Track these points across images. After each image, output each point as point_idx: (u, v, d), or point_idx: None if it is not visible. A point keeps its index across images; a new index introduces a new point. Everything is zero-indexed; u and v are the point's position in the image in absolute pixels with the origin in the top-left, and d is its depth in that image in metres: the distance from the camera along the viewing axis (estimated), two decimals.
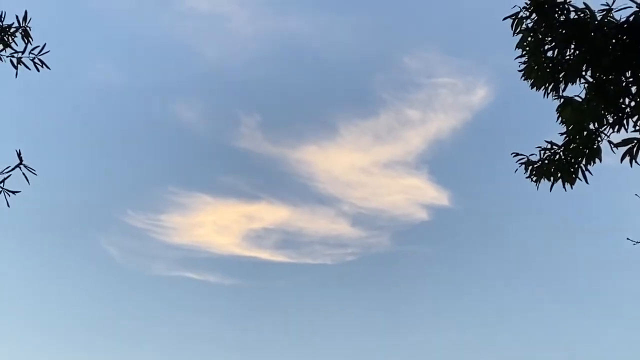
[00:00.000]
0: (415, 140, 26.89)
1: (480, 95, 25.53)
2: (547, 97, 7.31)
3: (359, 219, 28.14)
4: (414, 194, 27.85)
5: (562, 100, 7.24)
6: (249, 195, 28.54)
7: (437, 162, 27.26)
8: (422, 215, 27.60)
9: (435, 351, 26.88)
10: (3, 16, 6.98)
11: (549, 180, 7.42)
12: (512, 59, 7.37)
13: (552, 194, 7.37)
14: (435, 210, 27.42)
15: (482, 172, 27.67)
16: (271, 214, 28.51)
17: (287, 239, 28.39)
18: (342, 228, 28.38)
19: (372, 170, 28.26)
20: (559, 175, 7.38)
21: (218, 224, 28.94)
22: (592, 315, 26.07)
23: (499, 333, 26.66)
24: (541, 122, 7.34)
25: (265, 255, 28.32)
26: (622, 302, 24.91)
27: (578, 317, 26.44)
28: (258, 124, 27.46)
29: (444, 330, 27.25)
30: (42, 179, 6.91)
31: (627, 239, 7.20)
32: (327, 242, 28.39)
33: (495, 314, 27.11)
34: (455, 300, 27.77)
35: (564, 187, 7.41)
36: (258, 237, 28.42)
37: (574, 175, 7.35)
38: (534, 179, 7.48)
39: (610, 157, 7.16)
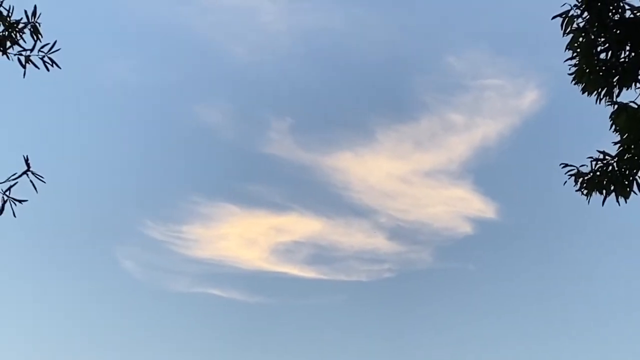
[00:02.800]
0: (459, 147, 25.40)
1: (530, 98, 24.12)
2: (600, 102, 6.87)
3: (398, 232, 26.70)
4: (457, 206, 26.43)
5: (616, 106, 6.89)
6: (278, 205, 27.09)
7: (483, 171, 25.92)
8: (467, 229, 26.21)
9: None
10: (11, 11, 6.52)
11: (601, 193, 7.00)
12: (564, 61, 6.89)
13: (607, 207, 6.88)
14: (481, 224, 26.06)
15: (532, 182, 26.12)
16: (302, 226, 27.12)
17: (319, 253, 26.87)
18: (379, 242, 26.83)
19: (412, 180, 26.82)
20: (612, 188, 6.95)
21: (244, 237, 27.51)
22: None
23: (546, 352, 25.09)
24: (595, 130, 6.82)
25: (295, 270, 26.89)
26: None
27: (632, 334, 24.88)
28: (289, 128, 25.96)
29: (489, 351, 25.78)
30: (52, 186, 6.41)
31: None
32: (363, 257, 26.80)
33: (545, 335, 25.75)
34: (501, 321, 26.46)
35: (617, 201, 6.98)
36: (288, 252, 27.01)
37: (628, 189, 6.92)
38: (585, 192, 7.02)
39: None
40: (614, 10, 6.73)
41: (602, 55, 6.85)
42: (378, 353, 25.93)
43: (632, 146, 6.87)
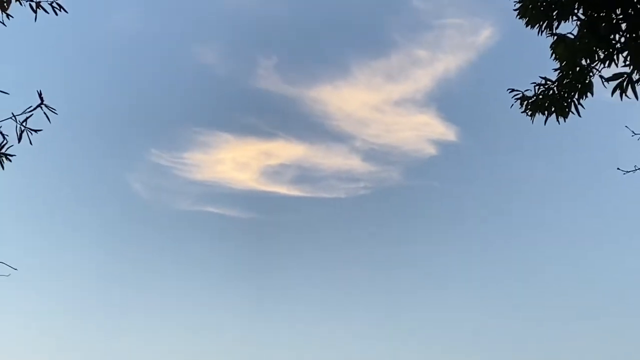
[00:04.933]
0: (424, 79, 27.94)
1: (485, 35, 26.60)
2: (542, 34, 7.59)
3: (371, 154, 29.63)
4: (423, 130, 29.07)
5: (555, 37, 7.53)
6: (266, 133, 30.00)
7: (445, 100, 28.51)
8: (431, 150, 28.97)
9: (442, 270, 29.26)
10: None
11: (543, 114, 7.74)
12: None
13: (552, 129, 7.72)
14: (443, 146, 28.84)
15: (487, 108, 28.79)
16: (287, 151, 29.95)
17: (302, 174, 30.01)
18: (355, 163, 29.80)
19: (384, 108, 29.37)
20: (553, 109, 7.70)
21: (237, 161, 30.23)
22: (587, 235, 28.70)
23: (497, 252, 28.97)
24: (538, 59, 7.68)
25: (282, 190, 29.82)
26: (611, 223, 27.88)
27: (573, 236, 28.95)
28: (275, 65, 28.63)
29: (451, 253, 29.38)
30: (70, 120, 7.14)
31: (618, 169, 7.59)
32: (341, 177, 29.97)
33: (498, 239, 29.40)
34: (461, 228, 30.02)
35: (557, 120, 7.74)
36: (275, 173, 30.01)
37: (567, 109, 7.68)
38: (529, 113, 7.79)
39: (602, 92, 7.52)
40: None
41: None
42: (356, 257, 29.61)
43: (570, 72, 7.53)
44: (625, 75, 7.15)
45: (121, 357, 27.00)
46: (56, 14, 6.98)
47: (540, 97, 7.73)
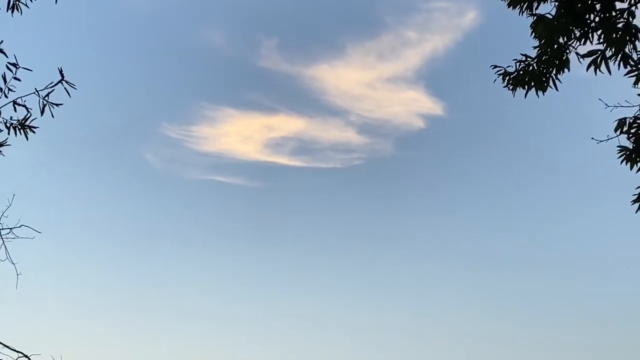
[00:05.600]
0: (413, 58, 30.27)
1: (470, 17, 28.74)
2: (522, 14, 8.13)
3: (365, 128, 32.55)
4: (412, 106, 31.61)
5: (535, 17, 8.00)
6: (268, 108, 32.95)
7: (432, 78, 31.11)
8: (420, 124, 31.80)
9: (427, 232, 32.77)
10: None
11: (523, 88, 8.31)
12: None
13: (532, 103, 8.31)
14: (431, 120, 31.70)
15: (472, 85, 31.88)
16: (288, 124, 32.71)
17: (302, 146, 32.75)
18: (350, 136, 32.67)
19: (376, 85, 31.86)
20: (532, 84, 8.26)
21: (242, 134, 32.83)
22: (569, 198, 31.96)
23: (481, 215, 32.45)
24: (519, 38, 8.28)
25: (283, 160, 32.70)
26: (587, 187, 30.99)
27: (555, 200, 32.32)
28: (276, 45, 31.15)
29: (437, 215, 33.00)
30: (88, 95, 7.72)
31: (592, 138, 8.19)
32: (337, 149, 32.86)
33: (481, 203, 32.82)
34: (448, 194, 33.46)
35: (536, 94, 8.31)
36: (277, 145, 32.81)
37: (545, 84, 8.25)
38: (511, 87, 8.36)
39: (578, 67, 8.10)
40: None
41: None
42: (350, 220, 33.40)
43: (548, 49, 8.01)
44: (599, 52, 7.68)
45: (134, 308, 29.91)
46: None
47: (521, 72, 8.27)
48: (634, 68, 7.72)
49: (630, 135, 7.90)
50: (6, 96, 7.71)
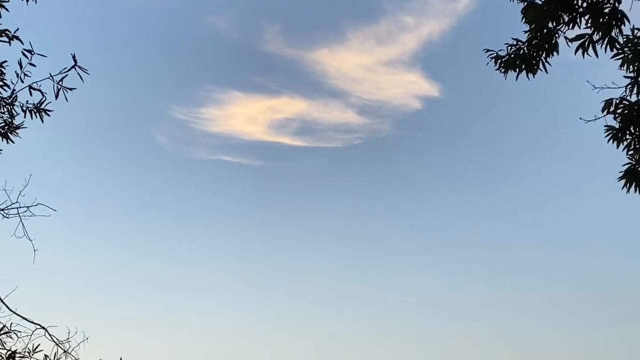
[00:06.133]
0: (410, 42, 31.36)
1: (464, 2, 29.68)
2: (513, 1, 8.44)
3: (364, 109, 34.08)
4: (410, 88, 33.02)
5: (525, 3, 8.33)
6: (272, 91, 34.31)
7: (429, 61, 32.44)
8: (417, 105, 33.28)
9: (422, 208, 34.63)
10: None
11: (515, 71, 8.65)
12: None
13: (523, 85, 8.65)
14: (428, 101, 33.15)
15: (466, 68, 32.92)
16: (291, 106, 34.10)
17: (304, 127, 34.47)
18: (351, 117, 34.23)
19: (375, 68, 33.23)
20: (523, 66, 8.61)
21: (247, 116, 34.39)
22: (559, 172, 33.35)
23: (476, 193, 34.27)
24: (510, 23, 8.65)
25: (286, 140, 34.33)
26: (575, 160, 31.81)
27: (547, 177, 33.86)
28: (279, 30, 32.23)
29: (433, 192, 34.97)
30: (99, 81, 8.12)
31: (580, 118, 8.54)
32: (338, 129, 34.48)
33: (474, 181, 34.47)
34: (443, 172, 35.27)
35: (527, 76, 8.65)
36: (280, 126, 34.46)
37: (535, 67, 8.59)
38: (502, 70, 8.70)
39: (567, 51, 8.44)
40: None
41: None
42: (351, 197, 35.25)
43: (538, 34, 8.31)
44: (587, 36, 8.01)
45: (145, 282, 31.51)
46: None
47: (512, 56, 8.60)
48: (619, 51, 8.08)
49: (617, 115, 8.25)
50: (22, 81, 8.11)
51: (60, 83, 7.93)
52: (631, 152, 8.24)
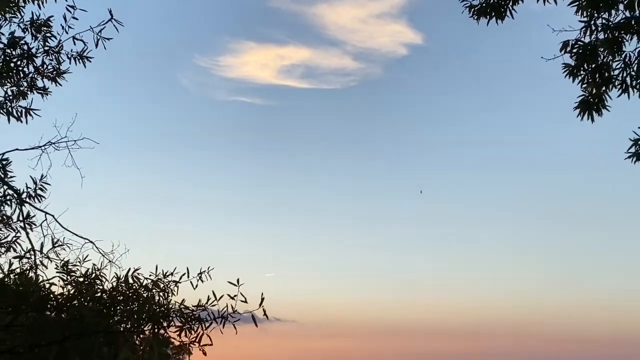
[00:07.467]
0: None
1: None
2: None
3: (359, 55, 42.62)
4: (397, 37, 40.87)
5: None
6: (280, 41, 43.65)
7: (414, 13, 40.34)
8: (403, 51, 41.96)
9: (410, 135, 47.86)
10: None
11: (485, 17, 9.98)
12: None
13: (495, 32, 9.98)
14: (413, 48, 42.33)
15: (446, 18, 41.02)
16: (297, 54, 43.31)
17: (308, 71, 44.03)
18: (347, 63, 43.23)
19: (368, 20, 41.00)
20: (493, 14, 9.93)
21: (260, 63, 43.33)
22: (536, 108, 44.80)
23: (455, 125, 47.43)
24: None
25: (293, 83, 44.15)
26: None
27: (523, 113, 45.98)
28: None
29: (419, 126, 47.81)
30: (132, 33, 9.60)
31: (541, 57, 9.87)
32: (336, 73, 44.10)
33: (456, 118, 47.33)
34: (428, 108, 46.85)
35: (496, 22, 9.98)
36: (288, 71, 44.01)
37: (503, 14, 9.93)
38: (475, 17, 10.03)
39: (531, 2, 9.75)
40: None
41: None
42: (347, 130, 46.57)
43: None
44: None
45: (174, 202, 43.37)
46: None
47: (484, 5, 9.92)
48: None
49: (573, 54, 9.62)
50: (67, 32, 9.59)
51: (99, 34, 9.37)
52: (585, 85, 9.61)
